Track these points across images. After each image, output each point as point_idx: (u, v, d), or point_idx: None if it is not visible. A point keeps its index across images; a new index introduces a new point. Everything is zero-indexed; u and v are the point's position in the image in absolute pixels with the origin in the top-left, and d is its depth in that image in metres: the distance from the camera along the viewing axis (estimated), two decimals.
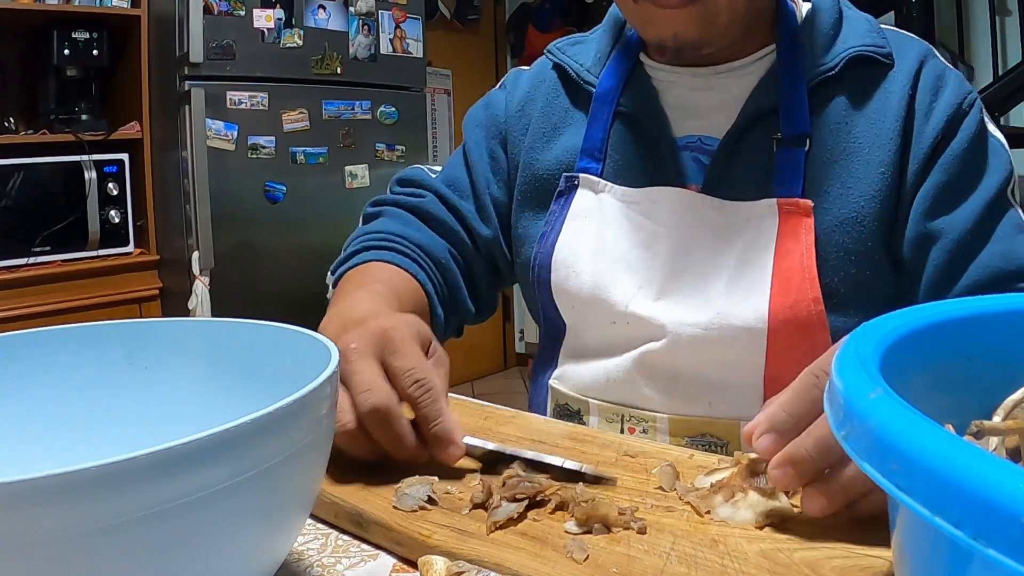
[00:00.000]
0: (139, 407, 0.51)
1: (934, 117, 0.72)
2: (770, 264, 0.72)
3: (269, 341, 0.50)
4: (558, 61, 0.87)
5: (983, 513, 0.21)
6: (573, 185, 0.82)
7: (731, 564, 0.44)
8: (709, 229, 0.75)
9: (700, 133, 0.78)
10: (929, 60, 0.75)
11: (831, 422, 0.30)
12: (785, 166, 0.73)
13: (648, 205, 0.77)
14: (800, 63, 0.75)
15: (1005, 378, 0.36)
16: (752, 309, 0.71)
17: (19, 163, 2.28)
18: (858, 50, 0.74)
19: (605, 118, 0.81)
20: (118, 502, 0.30)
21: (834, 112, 0.74)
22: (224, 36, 2.37)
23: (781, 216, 0.72)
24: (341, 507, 0.53)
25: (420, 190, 0.91)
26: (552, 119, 0.86)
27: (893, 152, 0.72)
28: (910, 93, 0.73)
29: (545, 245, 0.82)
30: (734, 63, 0.78)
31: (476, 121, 0.93)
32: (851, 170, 0.72)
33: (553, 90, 0.87)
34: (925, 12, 2.89)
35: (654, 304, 0.76)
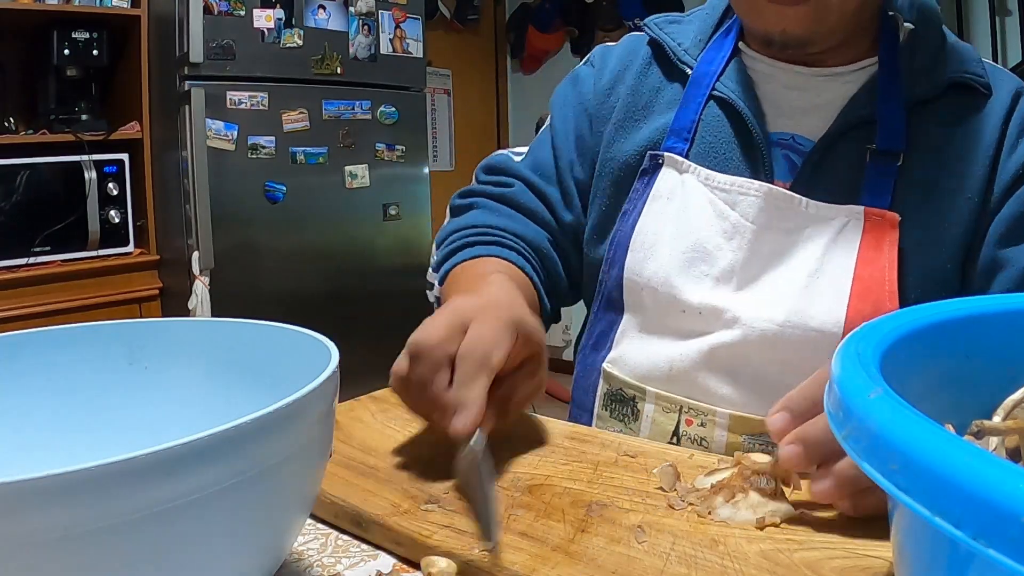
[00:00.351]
0: (139, 407, 0.51)
1: (1018, 151, 0.72)
2: (851, 270, 0.71)
3: (269, 341, 0.50)
4: (655, 36, 0.86)
5: (983, 513, 0.21)
6: (657, 164, 0.81)
7: (731, 564, 0.44)
8: (793, 228, 0.74)
9: (794, 131, 0.77)
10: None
11: (831, 422, 0.30)
12: (876, 177, 0.73)
13: (735, 195, 0.76)
14: (900, 79, 0.75)
15: (1005, 378, 0.36)
16: (829, 312, 0.71)
17: (19, 163, 2.28)
18: (959, 76, 0.74)
19: (699, 100, 0.81)
20: (118, 502, 0.30)
21: (929, 134, 0.74)
22: (224, 36, 2.37)
23: (866, 225, 0.72)
24: (341, 507, 0.53)
25: (507, 178, 0.90)
26: (642, 98, 0.85)
27: (981, 182, 0.72)
28: (1002, 126, 0.73)
29: (625, 225, 0.81)
30: (835, 68, 0.77)
31: (563, 100, 0.91)
32: (939, 194, 0.72)
33: (645, 67, 0.86)
34: None
35: (730, 296, 0.75)
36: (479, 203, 0.89)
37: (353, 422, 0.69)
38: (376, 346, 2.75)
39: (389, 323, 2.79)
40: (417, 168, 2.92)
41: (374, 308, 2.76)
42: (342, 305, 2.68)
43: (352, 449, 0.63)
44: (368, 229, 2.79)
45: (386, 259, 2.84)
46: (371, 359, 2.67)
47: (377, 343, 2.76)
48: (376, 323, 2.76)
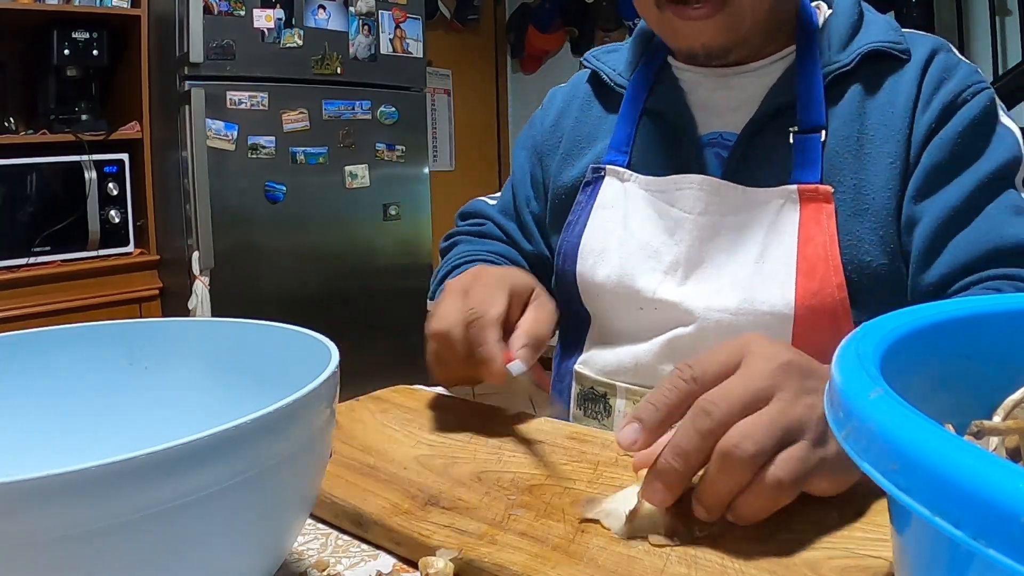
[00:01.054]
0: (139, 407, 0.51)
1: (932, 106, 0.73)
2: (794, 250, 0.73)
3: (269, 341, 0.50)
4: (593, 67, 0.91)
5: (983, 513, 0.21)
6: (599, 176, 0.85)
7: (731, 564, 0.44)
8: (732, 215, 0.76)
9: (722, 130, 0.80)
10: (941, 52, 0.76)
11: (831, 422, 0.30)
12: (802, 153, 0.75)
13: (672, 193, 0.79)
14: (817, 59, 0.76)
15: (1005, 378, 0.36)
16: (779, 294, 0.72)
17: (19, 163, 2.28)
18: (873, 45, 0.75)
19: (633, 116, 0.85)
20: (118, 502, 0.30)
21: (848, 104, 0.75)
22: (224, 36, 2.37)
23: (802, 202, 0.74)
24: (341, 507, 0.53)
25: (480, 219, 1.00)
26: (585, 129, 0.90)
27: (901, 143, 0.73)
28: (918, 82, 0.74)
29: (572, 235, 0.85)
30: (755, 63, 0.80)
31: (520, 143, 0.99)
32: (863, 161, 0.74)
33: (587, 101, 0.91)
34: (925, 12, 2.89)
35: (681, 289, 0.77)
36: (460, 239, 0.99)
37: (353, 422, 0.69)
38: (376, 346, 2.76)
39: (389, 323, 2.79)
40: (417, 168, 2.92)
41: (374, 308, 2.76)
42: (342, 305, 2.68)
43: (352, 449, 0.63)
44: (368, 229, 2.79)
45: (386, 259, 2.84)
46: (371, 359, 2.68)
47: (377, 343, 2.77)
48: (376, 323, 2.76)
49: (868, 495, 0.51)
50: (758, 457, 0.45)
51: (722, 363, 0.49)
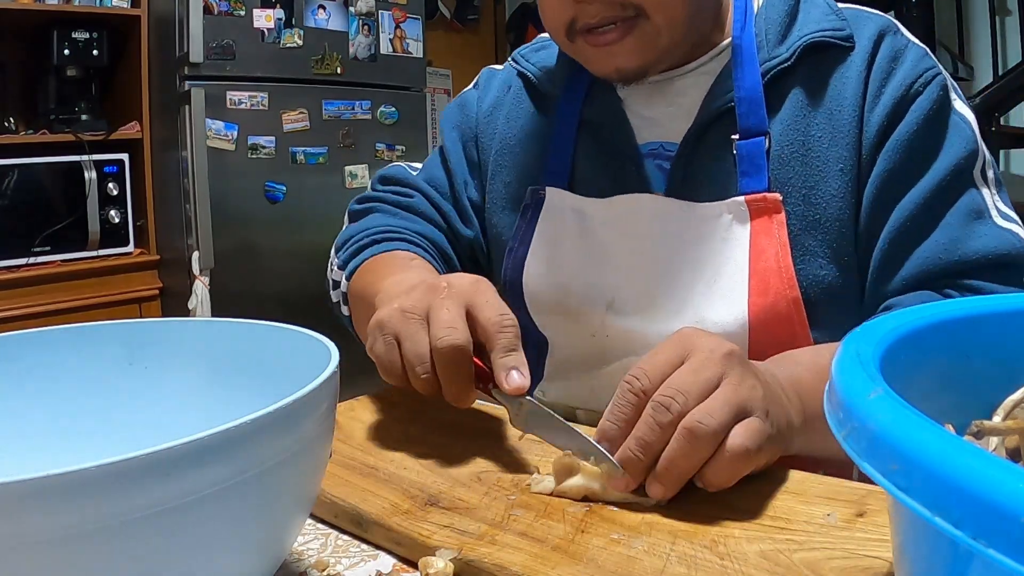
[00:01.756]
0: (139, 407, 0.51)
1: (882, 101, 0.69)
2: (746, 265, 0.70)
3: (269, 341, 0.50)
4: (521, 70, 0.86)
5: (983, 513, 0.21)
6: (539, 198, 0.80)
7: (731, 564, 0.44)
8: (680, 234, 0.73)
9: (662, 140, 0.76)
10: (887, 37, 0.71)
11: (831, 422, 0.30)
12: (747, 163, 0.70)
13: (615, 215, 0.76)
14: (753, 57, 0.72)
15: (1005, 378, 0.36)
16: (729, 312, 0.69)
17: (19, 163, 2.28)
18: (812, 36, 0.71)
19: (570, 130, 0.80)
20: (118, 502, 0.30)
21: (791, 105, 0.71)
22: (224, 36, 2.37)
23: (751, 213, 0.70)
24: (341, 507, 0.53)
25: (406, 188, 0.90)
26: (518, 123, 0.85)
27: (851, 145, 0.69)
28: (864, 76, 0.70)
29: (514, 260, 0.82)
30: (689, 65, 0.75)
31: (452, 122, 0.91)
32: (811, 166, 0.70)
33: (518, 97, 0.86)
34: (925, 12, 2.89)
35: (631, 315, 0.74)
36: (378, 208, 0.89)
37: (353, 422, 0.69)
38: None
39: None
40: None
41: None
42: None
43: (352, 449, 0.63)
44: None
45: None
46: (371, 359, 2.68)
47: None
48: None
49: (868, 495, 0.51)
50: (719, 431, 0.48)
51: (667, 362, 0.52)
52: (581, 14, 0.69)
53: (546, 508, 0.51)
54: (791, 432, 0.55)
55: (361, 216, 0.89)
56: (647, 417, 0.49)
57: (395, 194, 0.89)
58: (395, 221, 0.85)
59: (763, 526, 0.48)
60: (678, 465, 0.49)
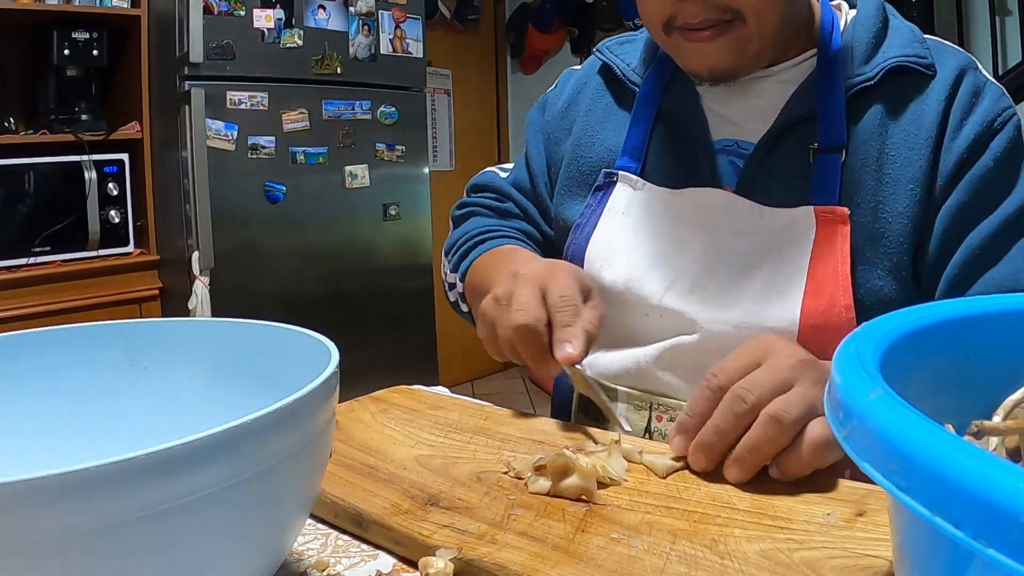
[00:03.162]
0: (139, 407, 0.51)
1: (963, 134, 0.71)
2: (805, 269, 0.72)
3: (269, 341, 0.50)
4: (606, 60, 0.89)
5: (983, 513, 0.21)
6: (611, 181, 0.84)
7: (731, 564, 0.44)
8: (744, 231, 0.75)
9: (737, 137, 0.78)
10: (968, 73, 0.74)
11: (831, 422, 0.30)
12: (822, 174, 0.73)
13: (684, 206, 0.78)
14: (839, 71, 0.74)
15: (1005, 378, 0.36)
16: (784, 311, 0.71)
17: (19, 163, 2.28)
18: (898, 60, 0.73)
19: (647, 119, 0.83)
20: (118, 502, 0.30)
21: (870, 122, 0.73)
22: (224, 36, 2.37)
23: (818, 223, 0.72)
24: (341, 507, 0.53)
25: (497, 194, 0.97)
26: (596, 116, 0.88)
27: (924, 168, 0.71)
28: (944, 107, 0.72)
29: (579, 237, 0.84)
30: (773, 68, 0.78)
31: (534, 124, 0.96)
32: (883, 182, 0.72)
33: (598, 91, 0.90)
34: (925, 12, 2.89)
35: (688, 298, 0.76)
36: (477, 211, 0.96)
37: (353, 422, 0.69)
38: (376, 346, 2.76)
39: (389, 323, 2.79)
40: (417, 168, 2.92)
41: (374, 308, 2.76)
42: (342, 305, 2.68)
43: (352, 449, 0.63)
44: (368, 229, 2.79)
45: (386, 259, 2.84)
46: (371, 359, 2.68)
47: (377, 343, 2.77)
48: (376, 323, 2.76)
49: (868, 495, 0.51)
50: (799, 422, 0.54)
51: (745, 363, 0.57)
52: (681, 12, 0.72)
53: (546, 508, 0.51)
54: None
55: (463, 220, 0.98)
56: (724, 407, 0.56)
57: (489, 199, 0.98)
58: (494, 222, 0.94)
59: (763, 525, 0.48)
60: (760, 450, 0.54)
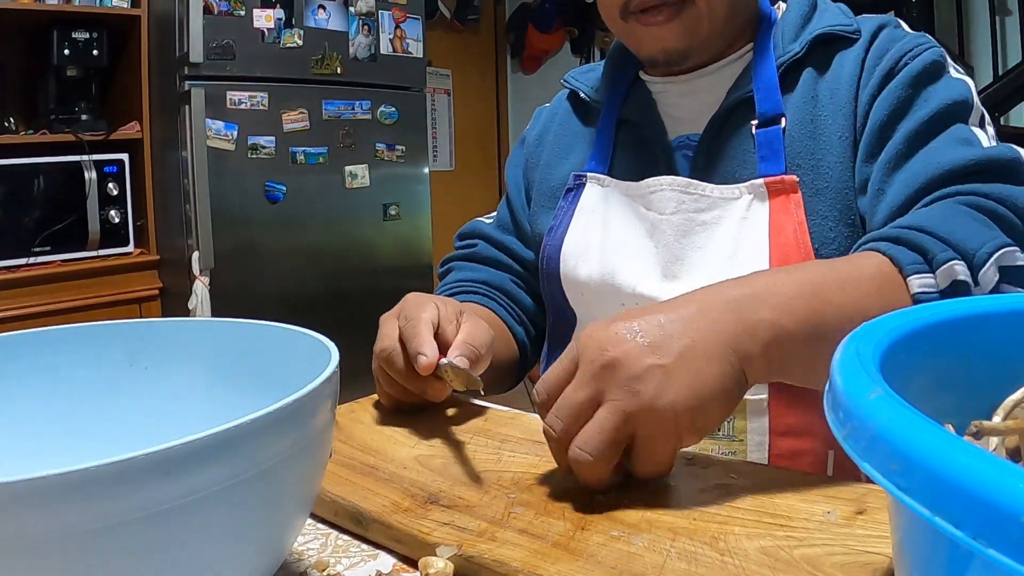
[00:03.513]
0: (139, 407, 0.51)
1: (876, 74, 0.74)
2: (766, 242, 0.74)
3: (269, 341, 0.50)
4: (572, 87, 0.96)
5: (983, 513, 0.21)
6: (581, 183, 0.89)
7: (731, 560, 0.44)
8: (703, 212, 0.78)
9: (688, 132, 0.83)
10: (887, 27, 0.77)
11: (831, 423, 0.30)
12: (765, 146, 0.77)
13: (647, 196, 0.82)
14: (771, 53, 0.79)
15: (1005, 378, 0.36)
16: None
17: (19, 163, 2.28)
18: (823, 30, 0.78)
19: (610, 126, 0.89)
20: (118, 502, 0.30)
21: (801, 90, 0.77)
22: (224, 36, 2.37)
23: (770, 194, 0.75)
24: (341, 506, 0.53)
25: (473, 240, 1.02)
26: (565, 140, 0.95)
27: (848, 116, 0.75)
28: (862, 57, 0.76)
29: (554, 237, 0.88)
30: (715, 64, 0.83)
31: (513, 161, 1.03)
32: (819, 141, 0.75)
33: (567, 117, 0.96)
34: (925, 12, 2.89)
35: (660, 285, 0.79)
36: (454, 266, 1.02)
37: (353, 422, 0.69)
38: None
39: None
40: (417, 168, 2.92)
41: (374, 308, 2.74)
42: (342, 305, 2.68)
43: (352, 449, 0.63)
44: (368, 229, 2.79)
45: (386, 259, 2.84)
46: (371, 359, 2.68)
47: None
48: (376, 323, 2.75)
49: (868, 493, 0.51)
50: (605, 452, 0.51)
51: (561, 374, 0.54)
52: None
53: (546, 506, 0.51)
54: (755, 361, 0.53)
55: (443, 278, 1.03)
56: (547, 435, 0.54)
57: (464, 248, 1.03)
58: (462, 275, 0.98)
59: (763, 523, 0.48)
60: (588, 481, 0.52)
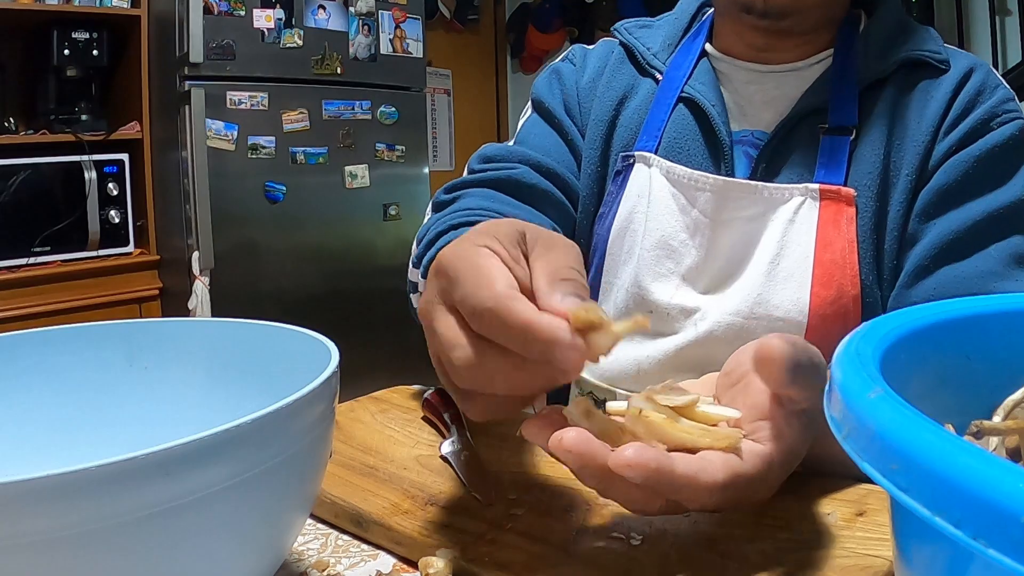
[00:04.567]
0: (139, 407, 0.51)
1: (960, 127, 0.70)
2: (811, 253, 0.70)
3: (269, 341, 0.50)
4: (625, 41, 0.87)
5: (983, 513, 0.21)
6: (629, 164, 0.81)
7: (731, 564, 0.44)
8: (751, 216, 0.74)
9: (753, 128, 0.78)
10: (978, 70, 0.73)
11: (831, 423, 0.30)
12: (829, 154, 0.72)
13: (693, 190, 0.77)
14: (854, 64, 0.75)
15: (1005, 378, 0.36)
16: (793, 300, 0.70)
17: (19, 163, 2.28)
18: (911, 53, 0.73)
19: (668, 103, 0.81)
20: (118, 502, 0.30)
21: (881, 111, 0.73)
22: (224, 36, 2.37)
23: (822, 202, 0.71)
24: (341, 506, 0.53)
25: (507, 163, 0.81)
26: (616, 94, 0.85)
27: (920, 158, 0.71)
28: (949, 99, 0.72)
29: (603, 229, 0.82)
30: (792, 64, 0.78)
31: (549, 90, 0.88)
32: (887, 171, 0.71)
33: (617, 68, 0.86)
34: (925, 12, 2.89)
35: (695, 295, 0.75)
36: (468, 192, 0.78)
37: (353, 422, 0.69)
38: (376, 346, 2.76)
39: (389, 323, 2.79)
40: (417, 168, 2.92)
41: (374, 308, 2.76)
42: (342, 305, 2.68)
43: (352, 449, 0.63)
44: (368, 229, 2.79)
45: (386, 259, 2.84)
46: (371, 359, 2.68)
47: (377, 343, 2.77)
48: (376, 323, 2.76)
49: (868, 494, 0.51)
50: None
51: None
52: None
53: (546, 508, 0.51)
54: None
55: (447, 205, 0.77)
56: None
57: (494, 169, 0.81)
58: (487, 203, 0.74)
59: (764, 525, 0.48)
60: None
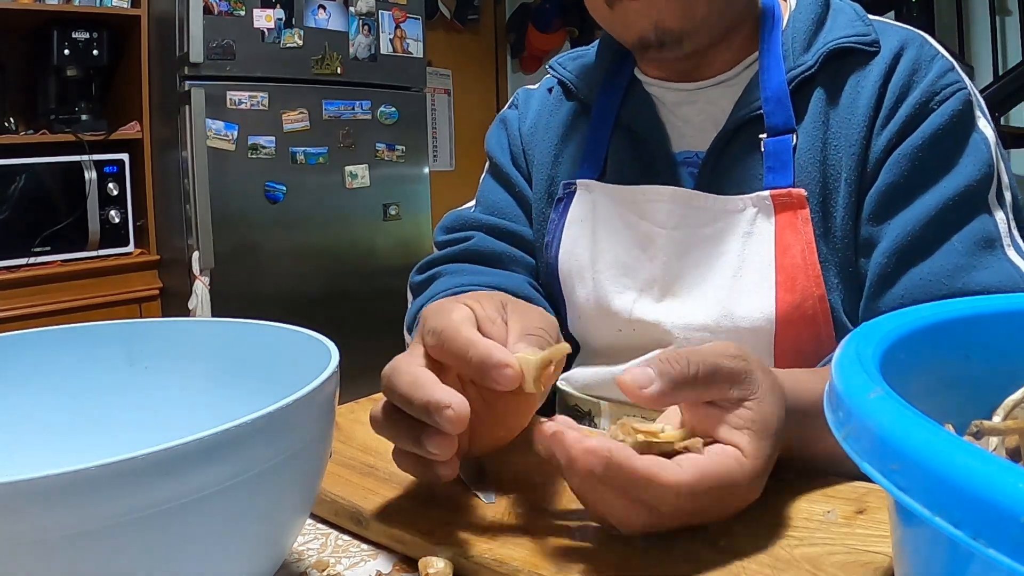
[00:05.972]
0: (139, 407, 0.51)
1: (895, 118, 0.68)
2: (772, 260, 0.69)
3: (269, 341, 0.50)
4: (560, 77, 0.87)
5: (983, 513, 0.21)
6: (571, 191, 0.81)
7: (732, 560, 0.44)
8: (705, 226, 0.73)
9: (696, 148, 0.76)
10: (909, 47, 0.70)
11: (831, 422, 0.30)
12: (773, 157, 0.70)
13: (643, 205, 0.76)
14: (781, 63, 0.72)
15: (1005, 378, 0.36)
16: (758, 308, 0.69)
17: (19, 163, 2.28)
18: (836, 43, 0.70)
19: (605, 131, 0.81)
20: (118, 502, 0.30)
21: (813, 111, 0.71)
22: (224, 36, 2.37)
23: (776, 208, 0.70)
24: (341, 505, 0.53)
25: (464, 232, 0.86)
26: (556, 130, 0.86)
27: (857, 158, 0.68)
28: (880, 87, 0.69)
29: (549, 255, 0.82)
30: (720, 76, 0.76)
31: (497, 143, 0.91)
32: (827, 176, 0.69)
33: (556, 105, 0.87)
34: (925, 12, 2.89)
35: (658, 308, 0.74)
36: (441, 271, 0.84)
37: (353, 423, 0.69)
38: (376, 346, 2.75)
39: (389, 323, 2.79)
40: (417, 168, 2.92)
41: (374, 308, 2.76)
42: (342, 305, 2.68)
43: (352, 449, 0.63)
44: (368, 229, 2.79)
45: (386, 259, 2.84)
46: (371, 359, 2.67)
47: (378, 343, 2.76)
48: (376, 323, 2.76)
49: (868, 493, 0.51)
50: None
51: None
52: None
53: (547, 505, 0.51)
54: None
55: (424, 287, 0.84)
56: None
57: (453, 243, 0.86)
58: (462, 280, 0.79)
59: (764, 523, 0.48)
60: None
